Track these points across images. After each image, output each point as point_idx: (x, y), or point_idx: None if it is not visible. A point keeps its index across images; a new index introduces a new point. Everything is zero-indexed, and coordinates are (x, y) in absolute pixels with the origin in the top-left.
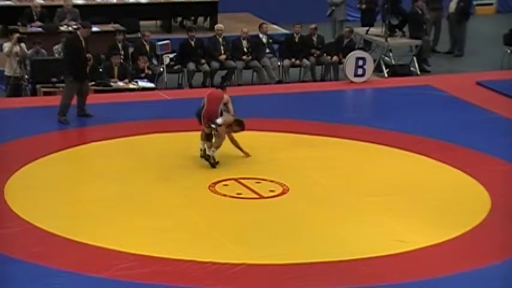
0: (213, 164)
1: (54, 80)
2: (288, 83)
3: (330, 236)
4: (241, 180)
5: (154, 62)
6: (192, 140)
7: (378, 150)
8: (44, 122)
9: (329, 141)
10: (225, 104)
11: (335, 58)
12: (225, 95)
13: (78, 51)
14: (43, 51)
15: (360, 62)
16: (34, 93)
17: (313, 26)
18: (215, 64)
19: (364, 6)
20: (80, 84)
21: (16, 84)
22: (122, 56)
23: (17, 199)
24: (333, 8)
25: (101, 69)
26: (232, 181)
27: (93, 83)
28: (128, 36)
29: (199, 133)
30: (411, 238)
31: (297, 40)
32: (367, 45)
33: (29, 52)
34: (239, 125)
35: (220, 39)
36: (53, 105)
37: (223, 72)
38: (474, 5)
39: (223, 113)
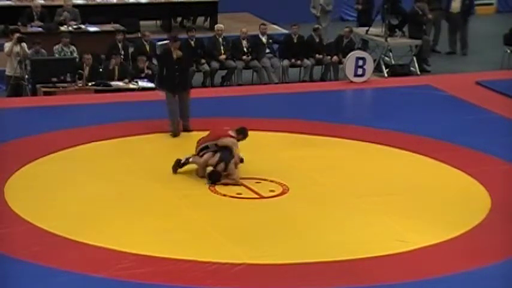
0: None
1: (54, 80)
2: (288, 82)
3: (330, 236)
4: (241, 180)
5: (155, 62)
6: (192, 140)
7: (378, 150)
8: (44, 122)
9: (329, 141)
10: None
11: (335, 58)
12: (229, 140)
13: (169, 64)
14: (43, 51)
15: (360, 62)
16: (34, 93)
17: (316, 26)
18: (215, 64)
19: (360, 7)
20: (177, 95)
21: (16, 84)
22: (122, 56)
23: (17, 199)
24: (318, 15)
25: (101, 69)
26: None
27: (93, 83)
28: (127, 36)
29: (199, 133)
30: (411, 238)
31: (295, 41)
32: (365, 45)
33: (29, 52)
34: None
35: (220, 39)
36: (53, 105)
37: (223, 72)
38: (474, 4)
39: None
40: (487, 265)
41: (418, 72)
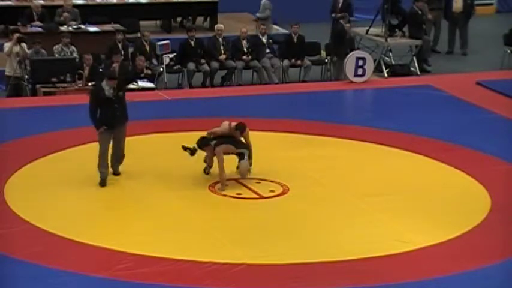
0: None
1: (54, 80)
2: (288, 82)
3: (330, 236)
4: (241, 180)
5: (154, 62)
6: (192, 140)
7: (378, 150)
8: (44, 122)
9: (329, 141)
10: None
11: (335, 58)
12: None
13: (101, 101)
14: (43, 51)
15: (360, 62)
16: (34, 93)
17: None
18: (215, 64)
19: (334, 15)
20: (111, 133)
21: (16, 84)
22: (122, 56)
23: (17, 199)
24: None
25: (101, 69)
26: (232, 181)
27: (93, 83)
28: (127, 36)
29: (199, 133)
30: (411, 238)
31: (295, 40)
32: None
33: (29, 52)
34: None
35: (220, 39)
36: (53, 105)
37: (223, 72)
38: (474, 4)
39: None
40: (487, 265)
41: (418, 72)
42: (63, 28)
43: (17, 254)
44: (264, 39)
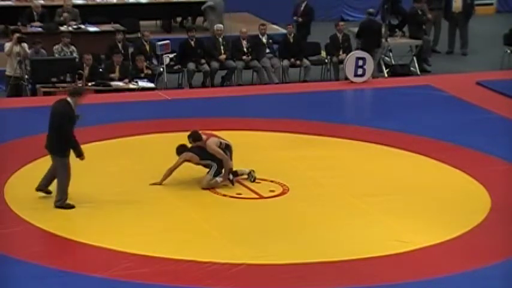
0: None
1: (54, 80)
2: (288, 82)
3: (330, 236)
4: (241, 180)
5: (154, 62)
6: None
7: (378, 150)
8: (44, 122)
9: (329, 141)
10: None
11: (335, 58)
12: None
13: (73, 122)
14: (43, 51)
15: (360, 62)
16: (34, 93)
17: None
18: (215, 64)
19: (300, 19)
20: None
21: (16, 84)
22: (122, 56)
23: (17, 199)
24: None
25: (101, 69)
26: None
27: (93, 83)
28: (127, 36)
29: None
30: (411, 238)
31: (291, 40)
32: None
33: (29, 52)
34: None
35: (220, 39)
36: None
37: (223, 72)
38: (474, 4)
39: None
40: (487, 265)
41: (418, 72)
42: (63, 28)
43: (17, 254)
44: (264, 39)
